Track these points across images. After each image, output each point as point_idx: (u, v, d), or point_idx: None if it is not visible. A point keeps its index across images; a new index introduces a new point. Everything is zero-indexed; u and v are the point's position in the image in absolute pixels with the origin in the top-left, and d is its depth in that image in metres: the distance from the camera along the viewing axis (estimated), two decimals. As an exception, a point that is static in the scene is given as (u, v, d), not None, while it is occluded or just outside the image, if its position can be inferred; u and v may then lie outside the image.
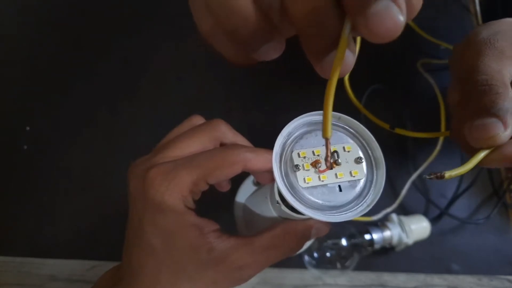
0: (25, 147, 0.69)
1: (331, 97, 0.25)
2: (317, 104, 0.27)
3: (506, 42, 0.38)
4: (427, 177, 0.31)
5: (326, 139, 0.29)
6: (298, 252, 0.39)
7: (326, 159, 0.31)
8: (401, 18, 0.20)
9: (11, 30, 0.77)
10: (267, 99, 0.71)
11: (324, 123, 0.27)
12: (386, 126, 0.58)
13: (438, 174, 0.31)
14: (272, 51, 0.28)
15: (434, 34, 0.74)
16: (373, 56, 0.71)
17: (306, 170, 0.31)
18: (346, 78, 0.67)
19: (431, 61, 0.73)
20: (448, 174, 0.31)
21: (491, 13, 0.44)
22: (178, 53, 0.75)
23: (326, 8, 0.22)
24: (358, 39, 0.68)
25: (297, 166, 0.30)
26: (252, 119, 0.70)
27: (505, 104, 0.35)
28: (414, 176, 0.66)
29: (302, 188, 0.30)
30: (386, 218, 0.63)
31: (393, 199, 0.65)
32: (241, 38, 0.26)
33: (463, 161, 0.66)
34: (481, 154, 0.34)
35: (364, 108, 0.64)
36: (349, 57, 0.25)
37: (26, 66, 0.75)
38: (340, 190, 0.31)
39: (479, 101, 0.36)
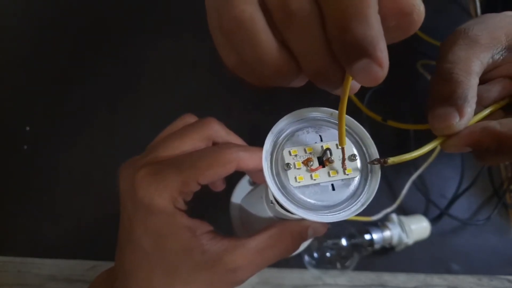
0: (25, 147, 0.69)
1: (343, 117, 0.28)
2: (317, 104, 0.27)
3: (481, 31, 0.38)
4: (368, 162, 0.31)
5: (342, 148, 0.30)
6: (295, 253, 0.39)
7: (342, 163, 0.31)
8: (380, 73, 0.22)
9: (11, 30, 0.78)
10: (267, 99, 0.71)
11: (339, 133, 0.29)
12: (379, 118, 0.58)
13: (382, 160, 0.30)
14: (298, 82, 0.29)
15: (434, 35, 0.74)
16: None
17: (297, 168, 0.30)
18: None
19: (430, 62, 0.73)
20: (391, 160, 0.30)
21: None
22: (178, 53, 0.75)
23: (329, 65, 0.25)
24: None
25: (288, 164, 0.30)
26: (252, 119, 0.70)
27: (464, 92, 0.35)
28: (414, 176, 0.66)
29: (294, 187, 0.29)
30: (386, 218, 0.63)
31: (393, 199, 0.65)
32: (267, 79, 0.27)
33: (463, 161, 0.66)
34: (430, 145, 0.35)
35: (363, 106, 0.64)
36: (355, 84, 0.28)
37: (26, 66, 0.75)
38: (333, 189, 0.30)
39: (440, 90, 0.37)
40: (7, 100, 0.73)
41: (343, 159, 0.30)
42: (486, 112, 0.39)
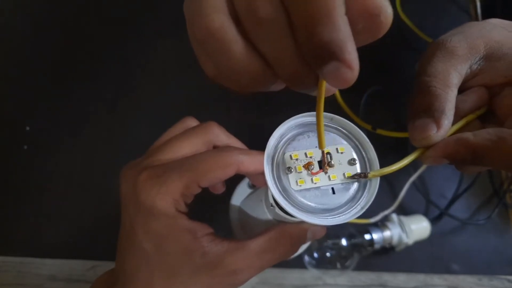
0: (25, 147, 0.69)
1: (321, 120, 0.28)
2: (313, 105, 0.27)
3: (459, 42, 0.39)
4: (349, 177, 0.31)
5: (322, 152, 0.30)
6: (294, 255, 0.39)
7: (324, 167, 0.31)
8: (350, 75, 0.22)
9: (11, 30, 0.77)
10: (266, 99, 0.71)
11: (318, 137, 0.28)
12: (369, 127, 0.58)
13: (362, 173, 0.31)
14: (277, 87, 0.30)
15: (434, 36, 0.73)
16: (371, 58, 0.70)
17: (298, 172, 0.30)
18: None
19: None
20: (372, 173, 0.31)
21: (491, 16, 0.44)
22: (177, 52, 0.75)
23: (302, 70, 0.25)
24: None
25: (289, 168, 0.30)
26: (252, 119, 0.70)
27: (441, 105, 0.36)
28: (414, 176, 0.65)
29: (295, 190, 0.30)
30: (386, 218, 0.63)
31: (393, 200, 0.65)
32: (245, 86, 0.27)
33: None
34: (409, 158, 0.35)
35: (365, 117, 0.64)
36: (331, 88, 0.28)
37: (26, 66, 0.75)
38: (333, 192, 0.31)
39: (418, 103, 0.38)
40: (7, 100, 0.73)
41: (324, 163, 0.31)
42: (462, 122, 0.39)
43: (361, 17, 0.22)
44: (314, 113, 0.32)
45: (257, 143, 0.38)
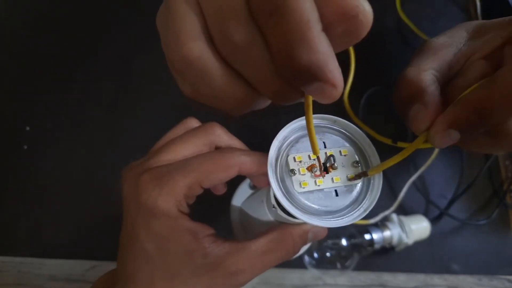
0: (25, 147, 0.69)
1: (312, 128, 0.27)
2: (316, 107, 0.27)
3: (437, 37, 0.41)
4: (349, 179, 0.31)
5: (317, 157, 0.30)
6: (295, 256, 0.39)
7: (320, 171, 0.31)
8: (335, 92, 0.22)
9: (11, 30, 0.77)
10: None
11: (311, 143, 0.28)
12: (389, 141, 0.58)
13: (361, 173, 0.31)
14: (262, 104, 0.29)
15: (433, 36, 0.73)
16: (371, 58, 0.70)
17: (302, 174, 0.30)
18: (346, 98, 0.67)
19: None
20: (370, 171, 0.31)
21: (491, 16, 0.45)
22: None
23: (285, 87, 0.24)
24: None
25: (293, 170, 0.30)
26: (252, 120, 0.69)
27: (416, 84, 0.37)
28: (414, 176, 0.65)
29: (298, 193, 0.30)
30: (386, 218, 0.63)
31: (393, 200, 0.65)
32: (230, 110, 0.27)
33: (463, 161, 0.66)
34: (411, 147, 0.34)
35: (364, 118, 0.64)
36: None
37: (27, 66, 0.75)
38: (337, 194, 0.31)
39: (397, 94, 0.39)
40: (7, 100, 0.73)
41: (320, 168, 0.31)
42: (467, 92, 0.38)
43: (339, 20, 0.21)
44: (319, 115, 0.32)
45: (258, 144, 0.38)
